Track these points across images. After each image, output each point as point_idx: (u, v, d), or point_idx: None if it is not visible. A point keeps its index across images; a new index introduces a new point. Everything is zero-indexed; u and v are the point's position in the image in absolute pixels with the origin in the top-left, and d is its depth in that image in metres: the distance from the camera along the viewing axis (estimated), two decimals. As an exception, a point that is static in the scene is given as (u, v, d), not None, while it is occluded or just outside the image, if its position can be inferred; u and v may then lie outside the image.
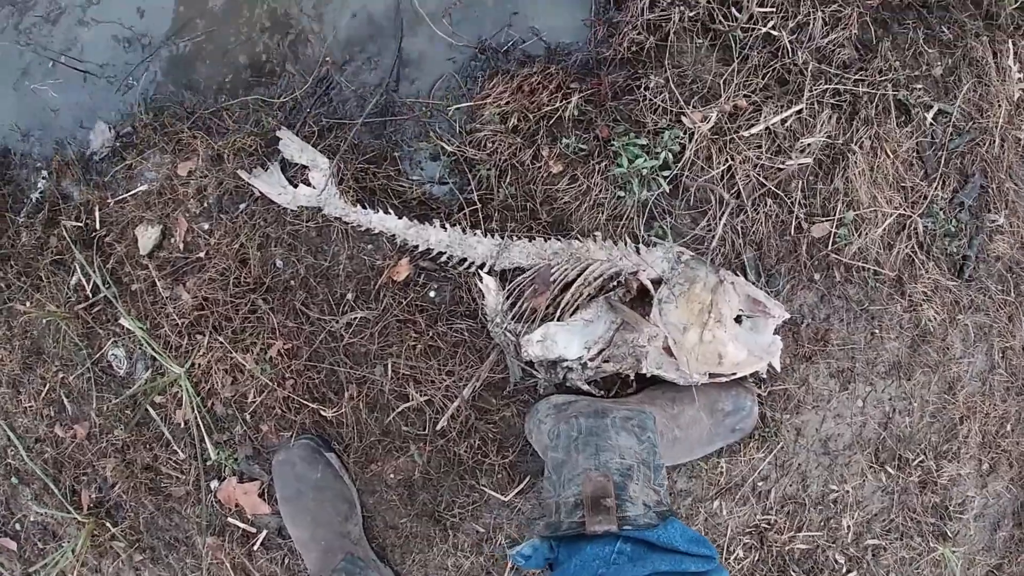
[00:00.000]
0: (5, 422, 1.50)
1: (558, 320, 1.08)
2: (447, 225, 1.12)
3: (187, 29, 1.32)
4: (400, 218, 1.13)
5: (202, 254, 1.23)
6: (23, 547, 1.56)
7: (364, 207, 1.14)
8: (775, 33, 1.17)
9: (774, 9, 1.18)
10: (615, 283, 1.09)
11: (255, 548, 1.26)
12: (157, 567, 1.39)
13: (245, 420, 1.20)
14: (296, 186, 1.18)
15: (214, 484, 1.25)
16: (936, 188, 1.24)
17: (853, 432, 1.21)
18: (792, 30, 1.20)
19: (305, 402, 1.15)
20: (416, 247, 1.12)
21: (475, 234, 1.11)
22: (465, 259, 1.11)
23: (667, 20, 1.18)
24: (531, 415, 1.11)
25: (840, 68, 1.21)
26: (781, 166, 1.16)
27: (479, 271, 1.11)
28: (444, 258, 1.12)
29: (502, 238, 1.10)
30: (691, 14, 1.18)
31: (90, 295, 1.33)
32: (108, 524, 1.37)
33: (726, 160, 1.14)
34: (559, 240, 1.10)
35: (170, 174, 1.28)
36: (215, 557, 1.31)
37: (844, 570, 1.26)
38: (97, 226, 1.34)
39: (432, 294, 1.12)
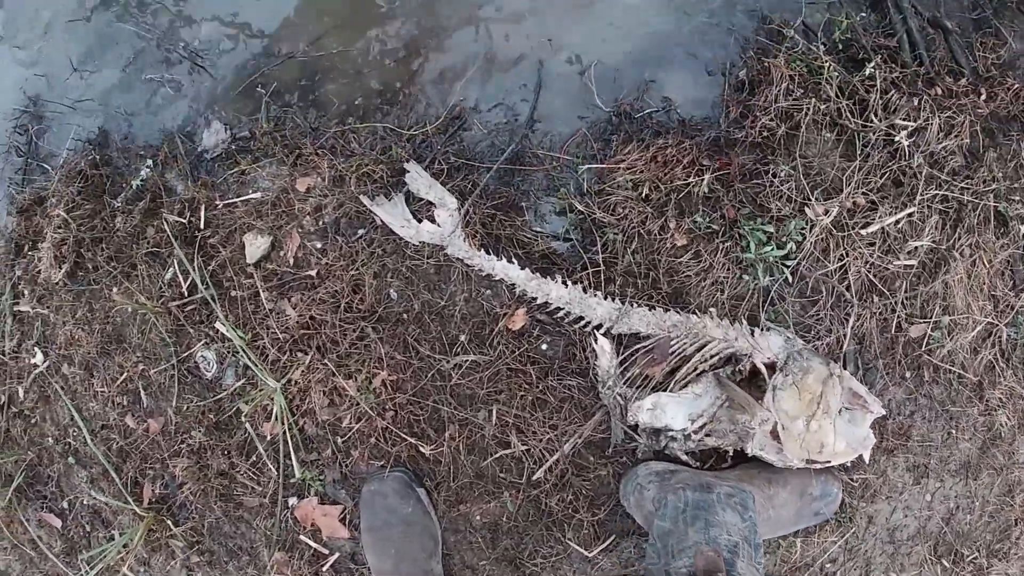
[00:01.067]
0: (72, 403, 1.44)
1: (669, 391, 1.08)
2: (568, 282, 1.11)
3: (321, 43, 1.29)
4: (523, 269, 1.11)
5: (312, 272, 1.20)
6: (67, 526, 1.51)
7: (488, 253, 1.12)
8: (895, 135, 1.19)
9: (896, 112, 1.20)
10: (729, 363, 1.10)
11: (323, 569, 1.23)
12: (213, 571, 1.35)
13: (336, 444, 1.17)
14: (420, 221, 1.16)
15: (292, 501, 1.22)
16: (1023, 299, 1.27)
17: (919, 524, 1.23)
18: (911, 133, 1.22)
19: (404, 436, 1.12)
20: (535, 299, 1.11)
21: (596, 295, 1.10)
22: (582, 318, 1.10)
23: (799, 110, 1.19)
24: (629, 478, 1.10)
25: (950, 175, 1.23)
26: (889, 266, 1.18)
27: (595, 331, 1.10)
28: (562, 314, 1.10)
29: (623, 303, 1.10)
30: (822, 107, 1.19)
31: (185, 293, 1.29)
32: (169, 522, 1.33)
33: (841, 255, 1.15)
34: (678, 313, 1.10)
35: (287, 187, 1.24)
36: (280, 572, 1.27)
37: (889, 653, 1.28)
38: (201, 226, 1.29)
39: (545, 347, 1.11)
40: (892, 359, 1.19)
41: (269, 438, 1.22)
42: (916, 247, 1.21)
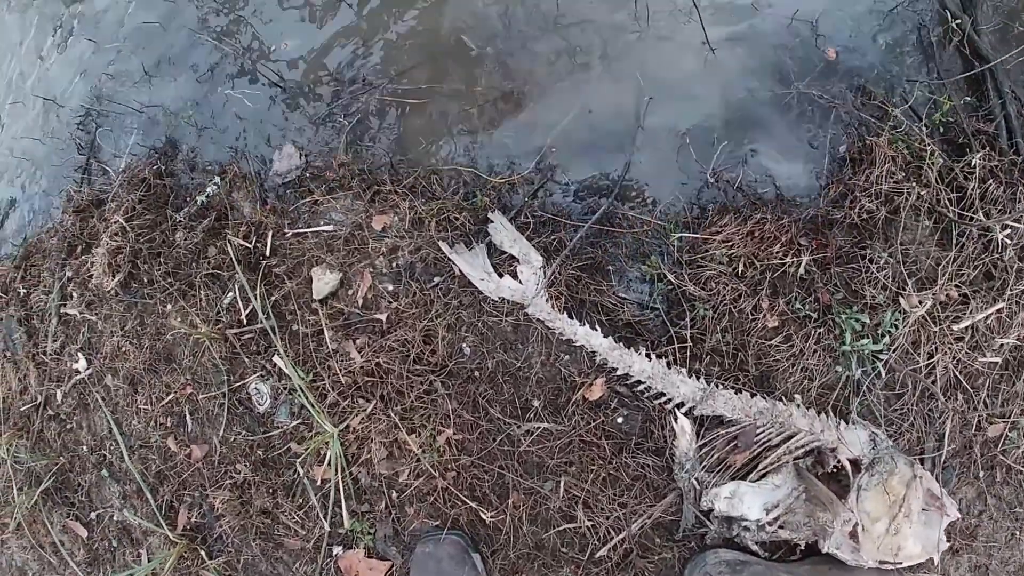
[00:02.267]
0: (112, 416, 1.28)
1: (749, 480, 0.95)
2: (652, 355, 0.96)
3: (410, 76, 1.13)
4: (606, 337, 0.96)
5: (382, 317, 1.05)
6: (93, 538, 1.34)
7: (571, 317, 0.97)
8: (990, 225, 1.06)
9: (995, 203, 1.07)
10: (808, 453, 0.96)
11: (363, 620, 1.09)
12: (244, 607, 1.21)
13: (391, 498, 1.01)
14: (501, 276, 1.00)
15: (337, 550, 1.07)
16: None
17: (971, 624, 1.11)
18: (1004, 225, 1.09)
19: (464, 499, 0.98)
20: (615, 370, 0.95)
21: (680, 372, 0.95)
22: (664, 394, 0.95)
23: (899, 194, 1.06)
24: (696, 564, 0.96)
25: None
26: (975, 363, 1.05)
27: (676, 410, 0.95)
28: (642, 388, 0.95)
29: (708, 383, 0.96)
30: (923, 193, 1.06)
31: (244, 321, 1.13)
32: (203, 552, 1.17)
33: (930, 350, 1.02)
34: (764, 399, 0.96)
35: (361, 223, 1.09)
36: (316, 618, 1.13)
37: None
38: (267, 252, 1.13)
39: (621, 421, 0.96)
40: (968, 458, 1.06)
41: (319, 483, 1.07)
42: (1002, 344, 1.09)
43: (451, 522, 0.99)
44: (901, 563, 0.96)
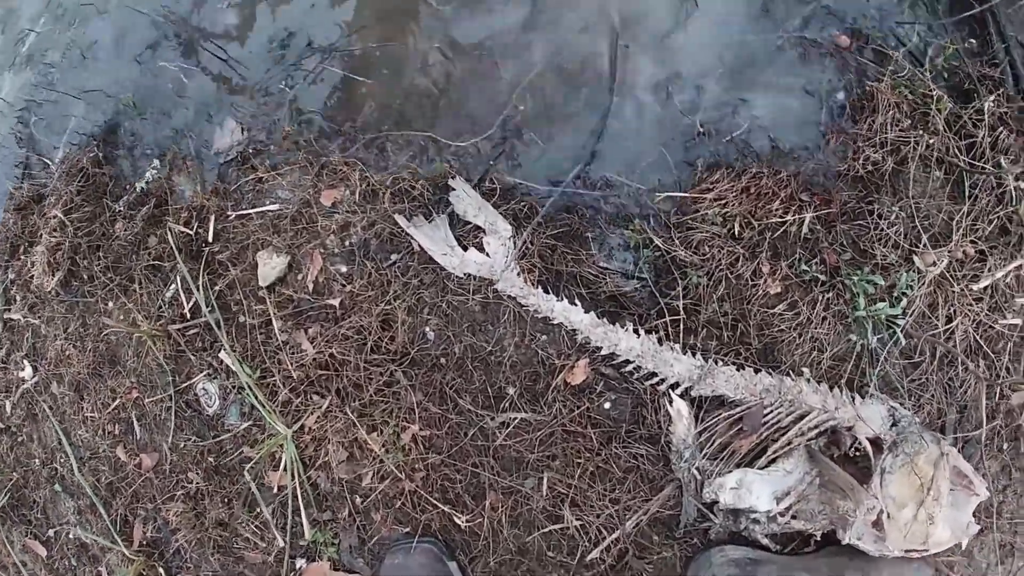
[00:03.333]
0: (60, 426, 1.09)
1: (757, 467, 0.78)
2: (641, 331, 0.77)
3: (360, 36, 0.95)
4: (587, 312, 0.77)
5: (335, 302, 0.86)
6: (52, 556, 1.15)
7: (547, 291, 0.78)
8: (1005, 177, 0.89)
9: (1007, 152, 0.90)
10: (820, 433, 0.80)
11: (334, 638, 0.92)
12: (210, 625, 1.03)
13: (355, 504, 0.83)
14: (466, 249, 0.81)
15: (300, 563, 0.88)
16: None
17: (997, 607, 0.96)
18: (1017, 176, 0.92)
19: (435, 502, 0.79)
20: (600, 349, 0.77)
21: (673, 348, 0.76)
22: (656, 374, 0.76)
23: (906, 143, 0.89)
24: (700, 564, 0.78)
25: None
26: (995, 325, 0.88)
27: (670, 392, 0.76)
28: (631, 368, 0.76)
29: (705, 359, 0.77)
30: (931, 141, 0.89)
31: (188, 315, 0.93)
32: (161, 569, 0.99)
33: (949, 312, 0.86)
34: (770, 375, 0.77)
35: (310, 199, 0.89)
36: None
37: None
38: (210, 238, 0.94)
39: (609, 407, 0.77)
40: (992, 430, 0.90)
41: (276, 490, 0.89)
42: (1021, 304, 0.92)
43: (422, 528, 0.79)
44: (929, 550, 0.80)
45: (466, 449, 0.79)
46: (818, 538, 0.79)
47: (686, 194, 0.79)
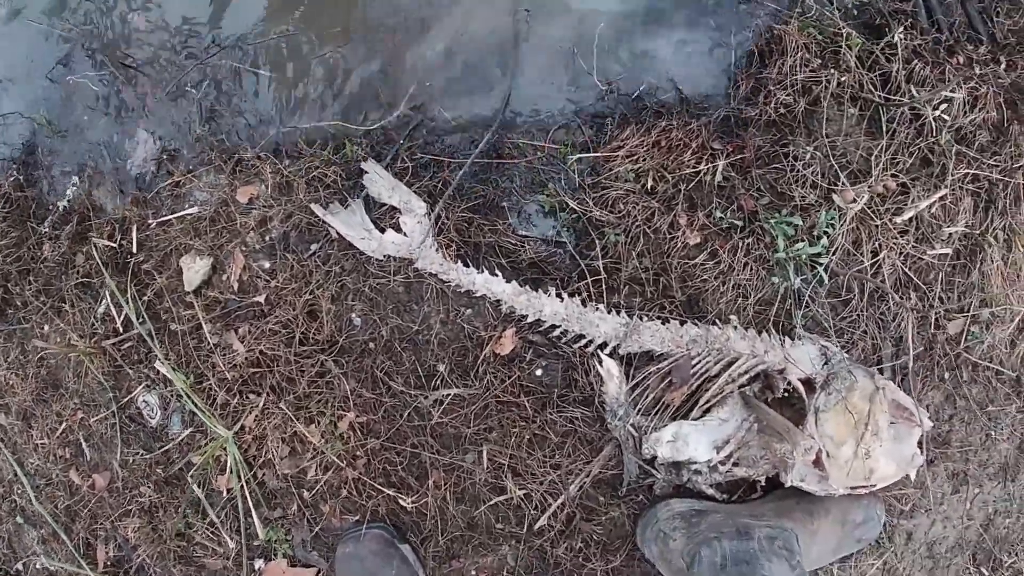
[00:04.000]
0: (13, 457, 1.07)
1: (691, 418, 0.79)
2: (564, 295, 0.77)
3: (260, 32, 0.94)
4: (509, 282, 0.76)
5: (260, 299, 0.85)
6: (24, 588, 1.17)
7: (466, 264, 0.77)
8: (922, 109, 0.90)
9: (923, 84, 0.91)
10: (753, 379, 0.81)
11: (300, 634, 0.93)
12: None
13: (302, 498, 0.83)
14: (383, 231, 0.80)
15: (259, 564, 0.88)
16: None
17: (957, 534, 0.96)
18: (937, 106, 0.93)
19: (379, 487, 0.78)
20: (525, 317, 0.76)
21: (597, 308, 0.76)
22: (583, 336, 0.76)
23: (817, 83, 0.89)
24: (647, 521, 0.79)
25: (979, 152, 0.95)
26: (923, 256, 0.89)
27: (599, 352, 0.76)
28: (558, 333, 0.76)
29: (630, 316, 0.77)
30: (843, 79, 0.90)
31: (120, 329, 0.92)
32: None
33: (874, 247, 0.86)
34: (696, 325, 0.77)
35: (226, 199, 0.89)
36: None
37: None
38: (134, 249, 0.93)
39: (540, 373, 0.77)
40: (930, 360, 0.90)
41: (226, 494, 0.89)
42: (950, 234, 0.93)
43: (370, 514, 0.79)
44: (875, 485, 0.81)
45: (403, 431, 0.79)
46: (763, 483, 0.81)
47: (598, 154, 0.80)
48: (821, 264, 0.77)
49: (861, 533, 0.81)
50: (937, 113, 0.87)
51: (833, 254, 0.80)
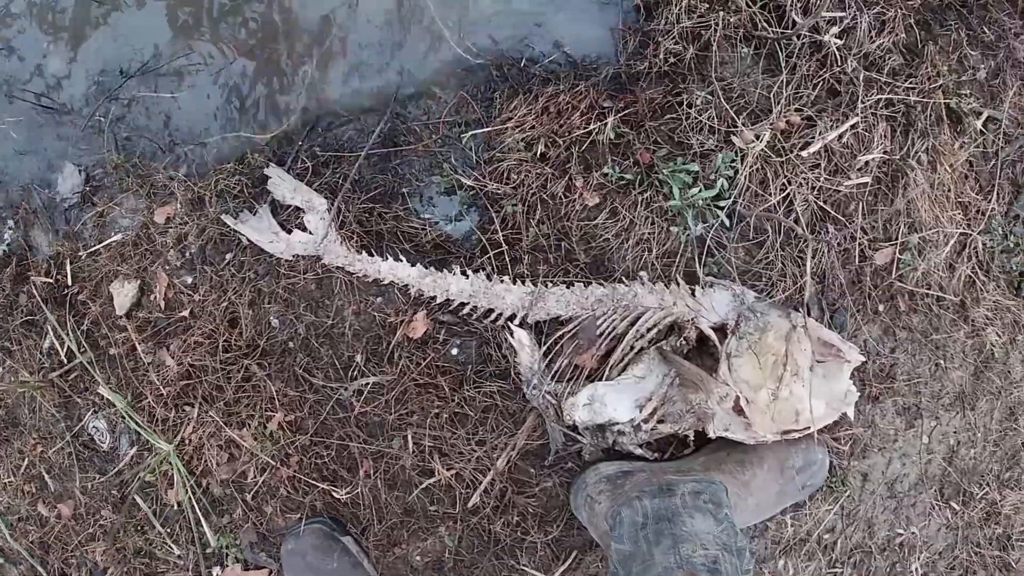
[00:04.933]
0: (-13, 496, 1.16)
1: (606, 379, 0.80)
2: (469, 272, 0.78)
3: (163, 55, 0.99)
4: (414, 265, 0.78)
5: (186, 313, 0.89)
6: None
7: (371, 254, 0.79)
8: (822, 39, 0.90)
9: (818, 12, 0.91)
10: (669, 332, 0.81)
11: (267, 637, 0.96)
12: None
13: (246, 502, 0.86)
14: (290, 232, 0.82)
15: (216, 571, 0.92)
16: (992, 201, 0.98)
17: (919, 471, 0.94)
18: (838, 35, 0.93)
19: (314, 482, 0.81)
20: (434, 298, 0.78)
21: (502, 281, 0.77)
22: (492, 310, 0.77)
23: (706, 27, 0.90)
24: (578, 487, 0.80)
25: (891, 76, 0.94)
26: (840, 188, 0.89)
27: (509, 324, 0.77)
28: (467, 310, 0.78)
29: (535, 285, 0.77)
30: (732, 19, 0.90)
31: (65, 360, 0.97)
32: None
33: (783, 185, 0.86)
34: (602, 285, 0.77)
35: (146, 221, 0.93)
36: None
37: (909, 614, 1.00)
38: (69, 282, 0.98)
39: (455, 352, 0.79)
40: (861, 294, 0.89)
41: (176, 507, 0.94)
42: (867, 162, 0.92)
43: (309, 510, 0.82)
44: (809, 428, 0.80)
45: (329, 424, 0.81)
46: (693, 438, 0.81)
47: (488, 128, 0.81)
48: (721, 208, 0.77)
49: (804, 479, 0.81)
50: (840, 42, 0.87)
51: (738, 196, 0.80)
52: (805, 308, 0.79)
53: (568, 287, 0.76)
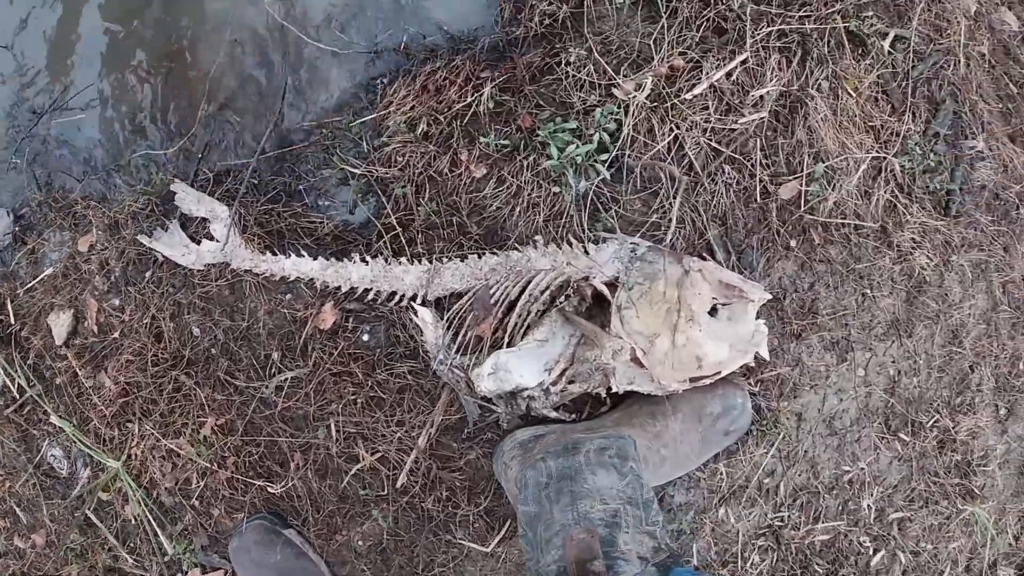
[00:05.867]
0: (-28, 536, 1.25)
1: (508, 346, 0.83)
2: (368, 258, 0.81)
3: (74, 88, 1.05)
4: (315, 259, 0.81)
5: (117, 334, 0.94)
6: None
7: (274, 253, 0.82)
8: None
9: None
10: (566, 293, 0.83)
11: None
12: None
13: (194, 507, 0.90)
14: (199, 242, 0.87)
15: (179, 577, 1.01)
16: (907, 122, 0.96)
17: (858, 405, 0.94)
18: None
19: (250, 480, 0.85)
20: (338, 288, 0.81)
21: (400, 263, 0.80)
22: (394, 293, 0.80)
23: None
24: (497, 456, 0.81)
25: (781, 6, 0.94)
26: (734, 126, 0.89)
27: (411, 304, 0.80)
28: (371, 296, 0.81)
29: (430, 262, 0.82)
30: None
31: (17, 396, 1.04)
32: None
33: (671, 130, 0.87)
34: (495, 254, 0.79)
35: (72, 252, 0.97)
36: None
37: (871, 551, 0.99)
38: (11, 320, 1.06)
39: (366, 338, 0.81)
40: (768, 231, 0.88)
41: (133, 520, 0.99)
42: (762, 96, 0.92)
43: (251, 508, 0.86)
44: (719, 372, 0.81)
45: (257, 423, 0.85)
46: (605, 396, 0.83)
47: (373, 115, 0.84)
48: (603, 162, 0.79)
49: (726, 425, 0.81)
50: (722, -20, 0.87)
51: (626, 148, 0.82)
52: (700, 250, 0.80)
53: (462, 260, 0.79)
